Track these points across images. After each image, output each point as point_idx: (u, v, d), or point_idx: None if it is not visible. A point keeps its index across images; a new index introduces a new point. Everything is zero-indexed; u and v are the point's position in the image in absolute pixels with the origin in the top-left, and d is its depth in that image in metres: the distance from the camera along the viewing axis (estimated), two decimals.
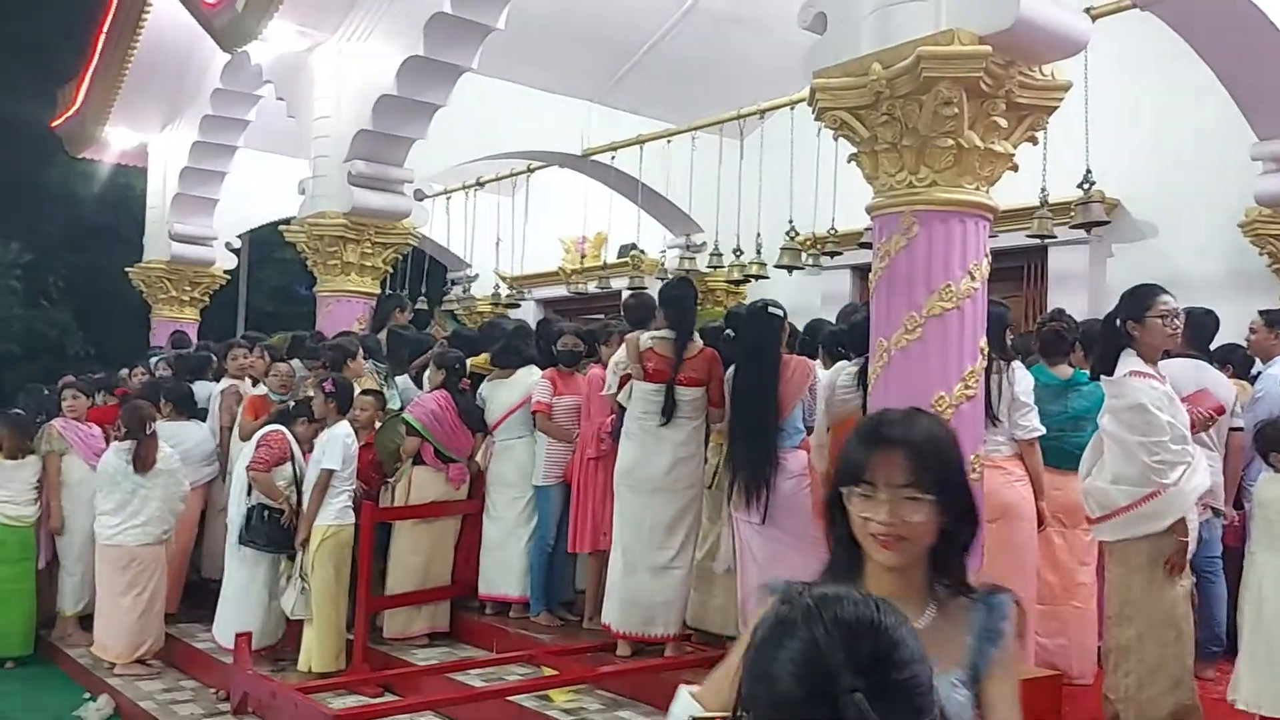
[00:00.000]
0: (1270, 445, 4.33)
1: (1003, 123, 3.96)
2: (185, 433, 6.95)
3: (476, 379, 6.44)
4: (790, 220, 8.02)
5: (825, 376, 5.03)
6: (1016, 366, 4.57)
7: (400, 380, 6.98)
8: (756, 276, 8.51)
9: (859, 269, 8.67)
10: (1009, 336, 4.78)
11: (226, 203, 10.92)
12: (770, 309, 4.98)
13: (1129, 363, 3.98)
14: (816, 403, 4.96)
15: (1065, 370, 5.00)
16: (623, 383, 5.25)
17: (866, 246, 5.13)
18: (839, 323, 5.77)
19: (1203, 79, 6.11)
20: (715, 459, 5.29)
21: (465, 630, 6.18)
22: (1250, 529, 4.42)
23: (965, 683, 1.56)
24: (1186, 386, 4.41)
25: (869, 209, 4.17)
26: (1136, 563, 3.92)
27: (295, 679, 5.56)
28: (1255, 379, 5.39)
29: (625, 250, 10.68)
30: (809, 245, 8.45)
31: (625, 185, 9.86)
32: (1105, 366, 4.03)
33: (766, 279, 8.50)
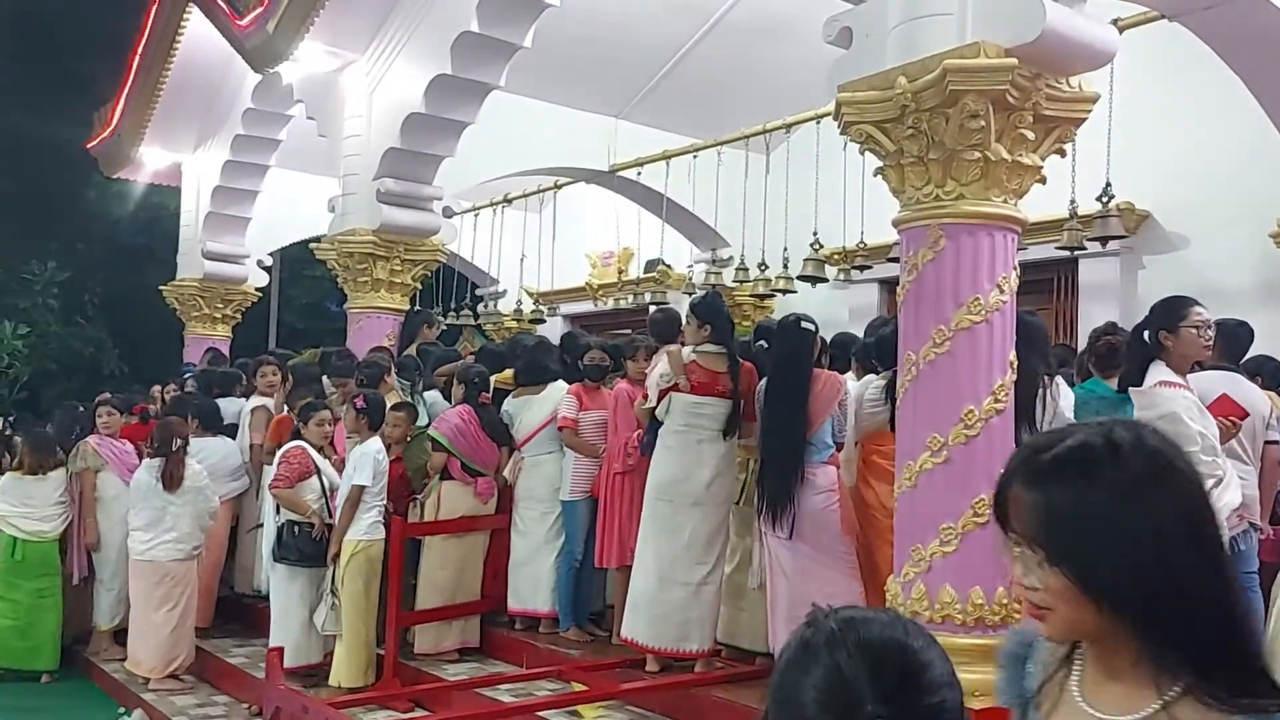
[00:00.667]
0: None
1: (1030, 135, 3.95)
2: (211, 447, 7.02)
3: (503, 395, 6.47)
4: (815, 233, 8.01)
5: (854, 390, 5.03)
6: (1060, 381, 4.53)
7: (430, 395, 7.03)
8: (783, 291, 8.51)
9: (887, 283, 8.64)
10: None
11: (258, 221, 11.05)
12: (803, 323, 4.98)
13: (1158, 373, 3.95)
14: (846, 417, 4.95)
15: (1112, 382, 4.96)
16: (660, 396, 5.25)
17: (894, 260, 5.11)
18: (867, 336, 5.76)
19: (1232, 89, 6.06)
20: (744, 474, 5.29)
21: (495, 645, 6.19)
22: None
23: None
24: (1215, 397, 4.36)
25: (896, 223, 4.17)
26: None
27: (326, 694, 5.59)
28: None
29: (652, 265, 10.71)
30: (837, 259, 8.44)
31: (651, 201, 9.89)
32: (1134, 378, 3.99)
33: (793, 293, 8.49)
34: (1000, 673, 1.37)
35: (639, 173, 9.60)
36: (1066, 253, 6.82)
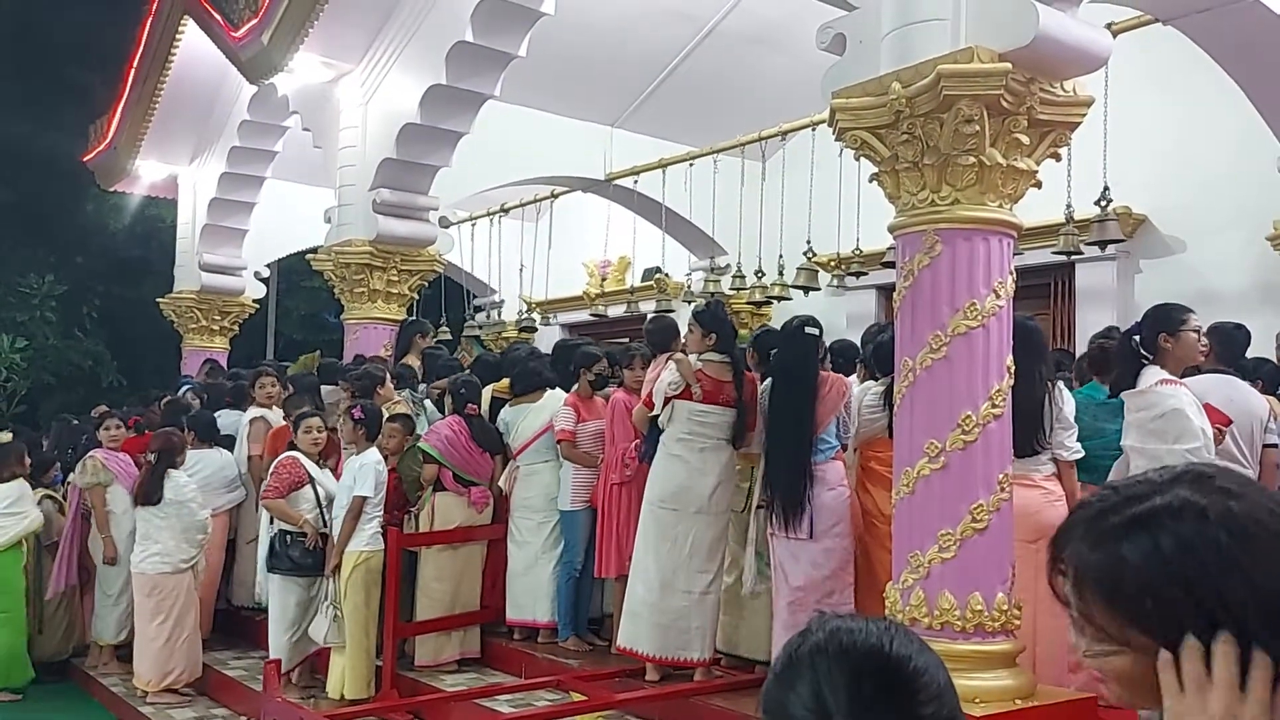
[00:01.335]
0: None
1: (1025, 140, 3.94)
2: (206, 459, 6.96)
3: (500, 403, 6.45)
4: (808, 241, 8.01)
5: (854, 394, 5.03)
6: (1061, 386, 4.53)
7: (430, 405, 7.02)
8: (780, 298, 8.50)
9: (884, 289, 8.63)
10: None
11: (255, 233, 11.06)
12: (807, 327, 4.99)
13: (1154, 374, 3.97)
14: (851, 420, 4.96)
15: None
16: (664, 403, 5.23)
17: (890, 266, 5.12)
18: (865, 343, 5.75)
19: (1227, 93, 6.07)
20: (746, 483, 5.28)
21: (493, 655, 6.17)
22: None
23: None
24: (1214, 402, 4.36)
25: (891, 228, 4.16)
26: None
27: (326, 705, 5.57)
28: None
29: (649, 274, 10.70)
30: (833, 265, 8.43)
31: (648, 209, 9.89)
32: (1127, 382, 4.01)
33: (790, 300, 8.48)
34: None
35: (635, 181, 9.61)
36: (1063, 257, 6.82)
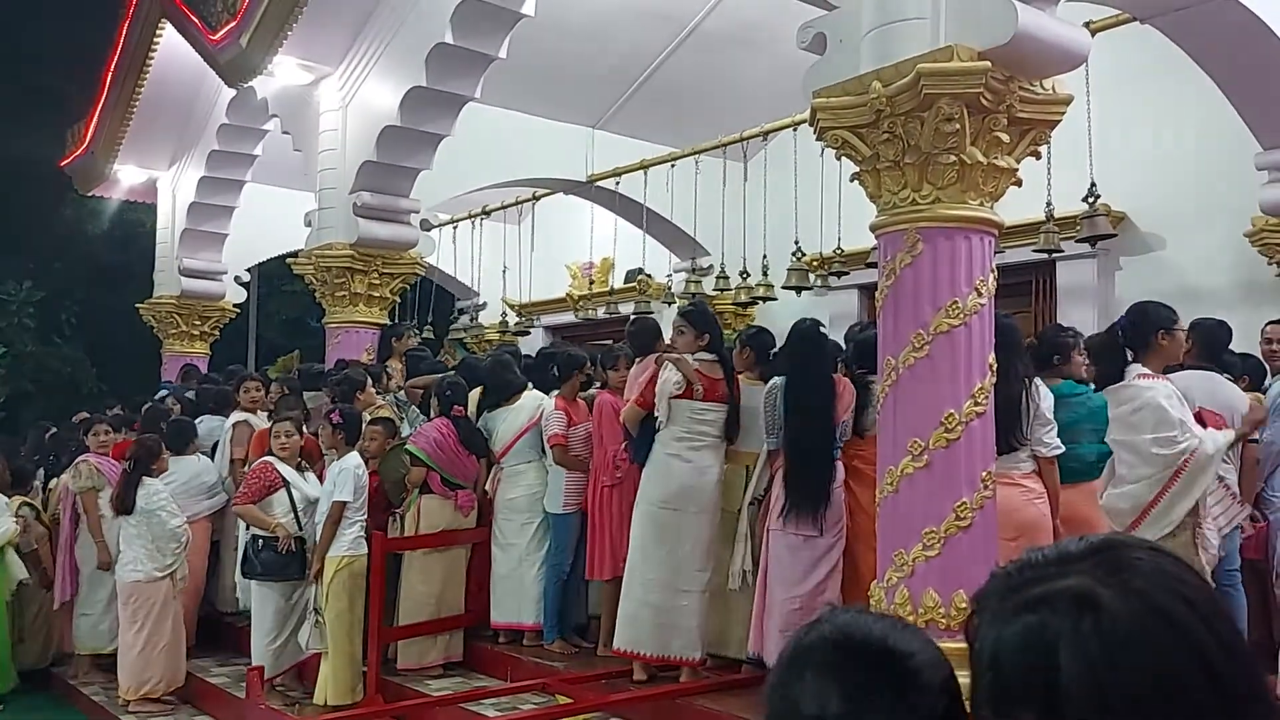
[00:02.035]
0: None
1: (1005, 138, 3.95)
2: (182, 466, 6.89)
3: (483, 407, 6.42)
4: (796, 241, 8.02)
5: None
6: (1039, 382, 4.54)
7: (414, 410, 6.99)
8: (764, 298, 8.50)
9: (866, 288, 8.65)
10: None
11: (235, 237, 11.00)
12: (821, 328, 5.05)
13: (1134, 370, 4.08)
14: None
15: (1055, 382, 4.98)
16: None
17: (873, 266, 5.12)
18: (847, 342, 5.76)
19: (1205, 90, 6.10)
20: (739, 480, 5.27)
21: (479, 659, 6.14)
22: None
23: None
24: (1197, 397, 4.39)
25: (873, 227, 4.16)
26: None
27: (311, 712, 5.54)
28: (1266, 391, 5.35)
29: (632, 275, 10.69)
30: (815, 265, 8.43)
31: (630, 210, 9.88)
32: (1115, 377, 4.05)
33: (774, 300, 8.49)
34: None
35: (617, 183, 9.60)
36: (1044, 255, 6.85)
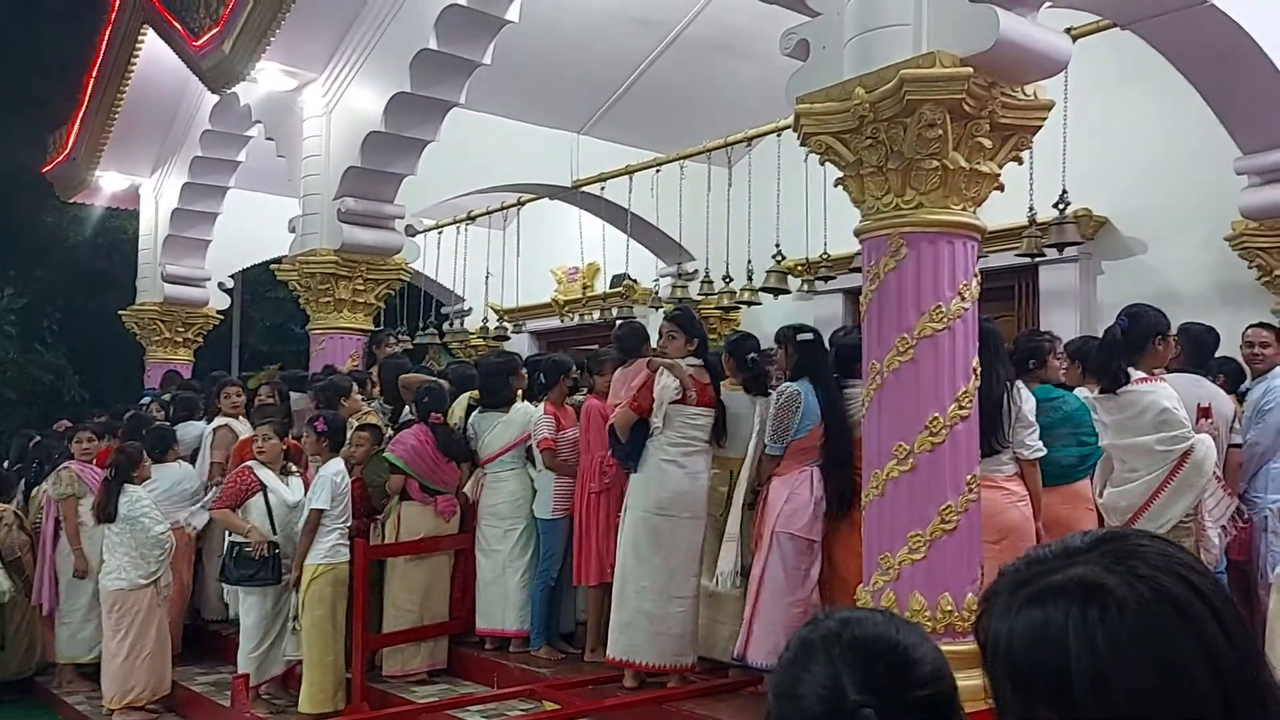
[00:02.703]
0: None
1: (987, 143, 3.98)
2: (163, 473, 6.82)
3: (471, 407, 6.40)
4: (777, 244, 8.04)
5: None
6: (1020, 385, 4.57)
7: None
8: (748, 303, 8.51)
9: (851, 293, 8.66)
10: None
11: (219, 243, 10.95)
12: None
13: (1134, 373, 4.18)
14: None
15: (1031, 386, 5.01)
16: None
17: (857, 270, 5.13)
18: (832, 345, 5.77)
19: (1185, 95, 6.14)
20: (724, 486, 5.27)
21: (464, 666, 6.12)
22: None
23: None
24: (1185, 401, 4.45)
25: (857, 232, 4.19)
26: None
27: None
28: (1243, 395, 5.41)
29: (618, 280, 10.70)
30: (800, 270, 8.45)
31: (615, 216, 9.88)
32: (1121, 380, 4.14)
33: (758, 304, 8.50)
34: None
35: (602, 188, 9.59)
36: (1026, 260, 6.89)
